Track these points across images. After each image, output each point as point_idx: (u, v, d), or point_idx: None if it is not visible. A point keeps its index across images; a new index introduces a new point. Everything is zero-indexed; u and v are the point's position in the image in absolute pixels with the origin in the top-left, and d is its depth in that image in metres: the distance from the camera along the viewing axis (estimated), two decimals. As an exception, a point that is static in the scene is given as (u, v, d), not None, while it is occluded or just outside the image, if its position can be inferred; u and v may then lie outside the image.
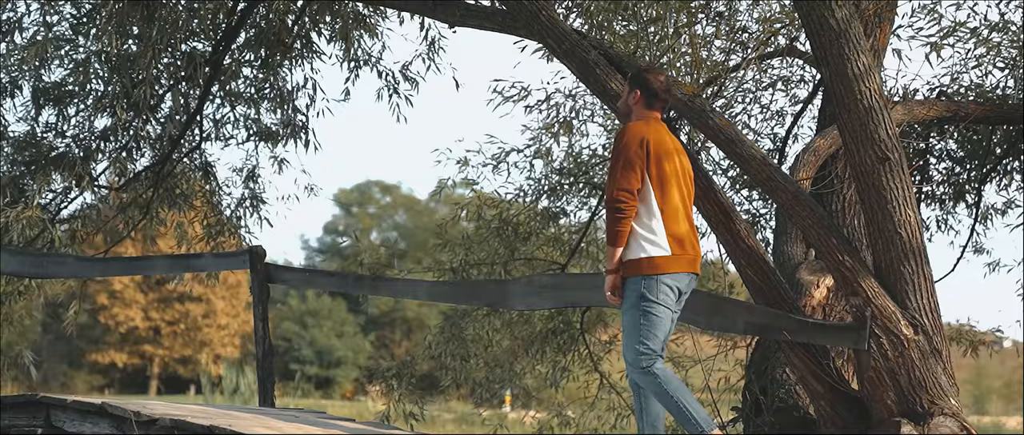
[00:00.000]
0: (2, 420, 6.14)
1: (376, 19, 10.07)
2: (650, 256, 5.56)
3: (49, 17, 9.29)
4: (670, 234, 5.60)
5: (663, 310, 5.57)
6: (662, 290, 5.56)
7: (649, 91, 5.79)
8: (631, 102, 5.83)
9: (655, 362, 5.56)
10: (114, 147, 10.01)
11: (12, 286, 10.48)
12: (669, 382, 5.56)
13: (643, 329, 5.55)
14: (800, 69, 9.68)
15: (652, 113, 5.80)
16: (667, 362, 10.57)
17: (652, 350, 5.55)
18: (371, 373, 13.19)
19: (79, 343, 37.91)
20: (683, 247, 5.62)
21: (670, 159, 5.67)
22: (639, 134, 5.63)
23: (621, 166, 5.57)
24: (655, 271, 5.55)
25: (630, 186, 5.55)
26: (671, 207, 5.62)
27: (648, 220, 5.58)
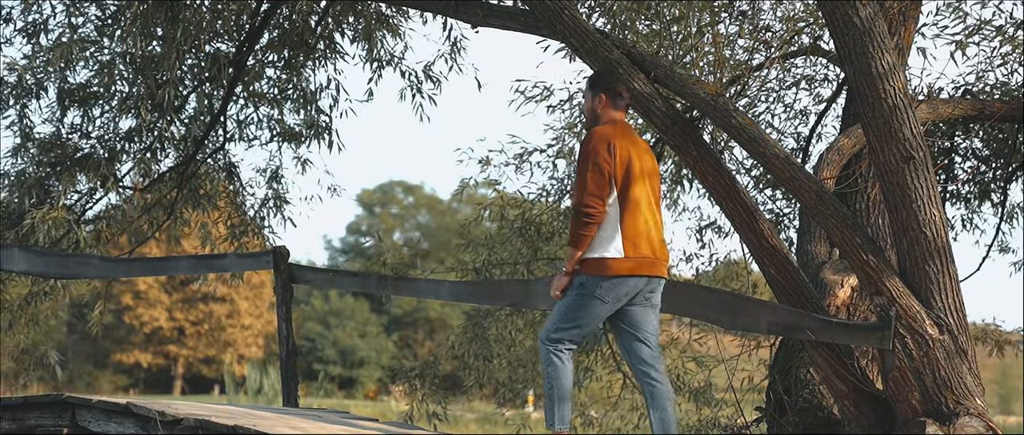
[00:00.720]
0: (29, 420, 6.17)
1: (399, 19, 10.08)
2: (602, 257, 5.69)
3: (74, 19, 9.33)
4: (626, 237, 5.70)
5: (598, 307, 5.71)
6: (606, 290, 5.69)
7: (613, 92, 5.92)
8: (597, 107, 5.93)
9: (562, 345, 5.74)
10: (139, 148, 10.05)
11: (38, 287, 10.53)
12: (559, 373, 5.75)
13: (568, 313, 5.73)
14: (824, 68, 9.64)
15: (618, 114, 5.91)
16: (690, 361, 10.69)
17: (565, 335, 5.74)
18: (394, 373, 13.24)
19: (104, 343, 38.13)
20: (639, 250, 5.71)
21: (636, 161, 5.76)
22: (605, 138, 5.73)
23: (590, 172, 5.67)
24: (604, 272, 5.68)
25: (599, 191, 5.66)
26: (632, 211, 5.71)
27: (607, 223, 5.69)
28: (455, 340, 11.37)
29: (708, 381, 10.66)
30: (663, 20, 7.89)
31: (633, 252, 5.70)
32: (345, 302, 43.88)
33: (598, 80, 6.01)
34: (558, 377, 5.75)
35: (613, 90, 5.93)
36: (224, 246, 10.92)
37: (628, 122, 6.08)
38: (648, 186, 5.81)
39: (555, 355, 5.76)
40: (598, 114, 5.93)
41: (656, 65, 6.58)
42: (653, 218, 5.81)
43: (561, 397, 5.76)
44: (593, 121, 5.96)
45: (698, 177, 6.71)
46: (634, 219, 5.72)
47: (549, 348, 5.78)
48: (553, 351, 5.76)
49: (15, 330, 10.69)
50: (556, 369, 5.76)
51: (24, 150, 9.74)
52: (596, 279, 5.69)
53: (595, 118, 5.94)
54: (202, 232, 11.15)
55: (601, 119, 5.92)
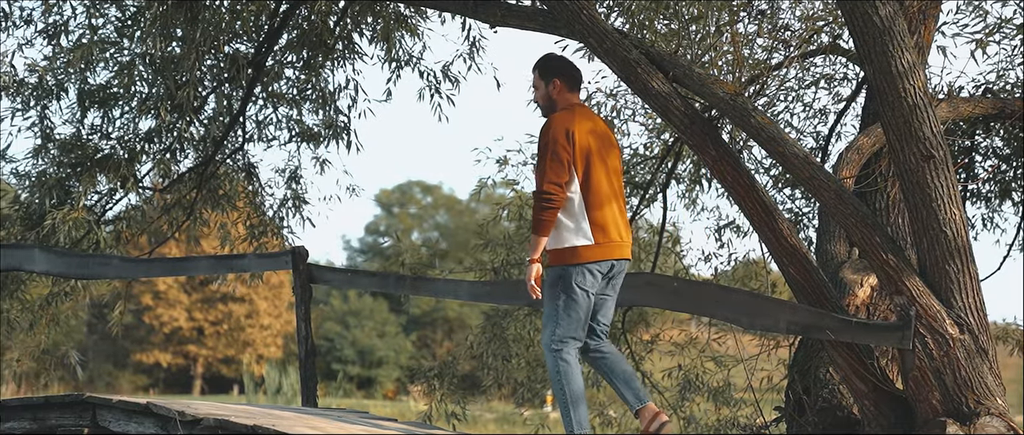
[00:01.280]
0: (50, 419, 6.20)
1: (417, 20, 10.09)
2: (574, 246, 5.72)
3: (94, 20, 9.36)
4: (593, 223, 5.74)
5: (583, 297, 5.72)
6: (585, 277, 5.72)
7: (567, 75, 5.95)
8: (552, 93, 5.95)
9: (567, 347, 5.72)
10: (158, 149, 10.08)
11: (58, 287, 10.58)
12: (569, 377, 5.72)
13: (560, 312, 5.72)
14: (843, 67, 9.62)
15: (573, 97, 5.95)
16: (709, 361, 10.67)
17: (567, 336, 5.72)
18: (413, 373, 13.22)
19: (124, 343, 38.26)
20: (607, 235, 5.76)
21: (596, 145, 5.79)
22: (564, 125, 5.75)
23: (549, 159, 5.69)
24: (578, 260, 5.71)
25: (558, 179, 5.67)
26: (595, 195, 5.75)
27: (573, 210, 5.73)
28: (474, 340, 11.38)
29: (727, 381, 10.64)
30: (682, 19, 7.88)
31: (602, 238, 5.75)
32: (364, 302, 43.94)
33: (549, 66, 6.01)
34: (570, 381, 5.73)
35: (567, 74, 5.96)
36: (243, 246, 10.96)
37: (584, 103, 6.12)
38: (610, 168, 5.86)
39: (561, 360, 5.73)
40: (554, 100, 5.95)
41: (675, 64, 6.57)
42: (617, 201, 5.87)
43: (575, 401, 5.74)
44: (549, 108, 5.97)
45: (717, 177, 6.70)
46: (599, 204, 5.76)
47: (556, 355, 5.74)
48: (561, 357, 5.73)
49: (36, 330, 10.74)
50: (566, 374, 5.73)
51: (45, 151, 9.79)
52: (572, 269, 5.72)
53: (552, 104, 5.95)
54: (221, 232, 11.18)
55: (557, 104, 5.93)
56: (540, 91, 6.01)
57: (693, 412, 10.90)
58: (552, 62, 6.01)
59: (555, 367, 5.74)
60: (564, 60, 6.06)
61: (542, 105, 6.02)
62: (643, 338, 11.54)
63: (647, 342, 11.49)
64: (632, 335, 11.13)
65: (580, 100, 6.01)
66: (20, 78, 9.49)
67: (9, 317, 10.49)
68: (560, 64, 6.01)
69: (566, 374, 5.72)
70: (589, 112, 5.99)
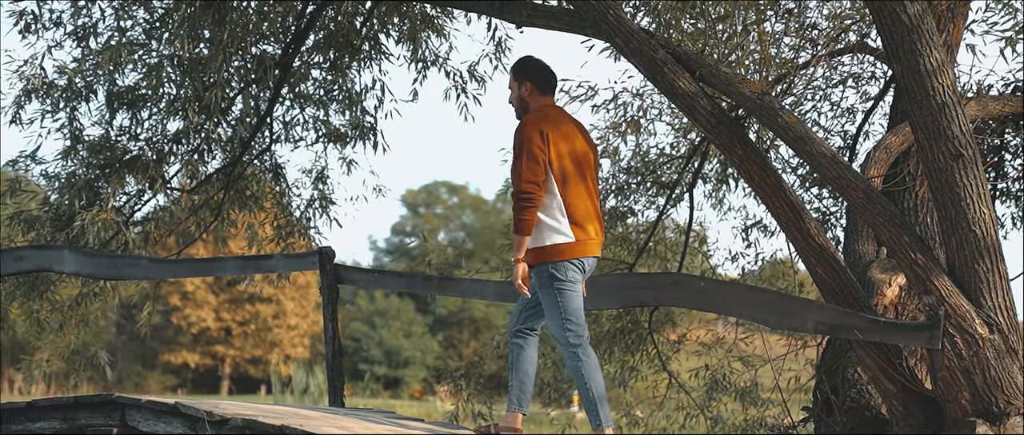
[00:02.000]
0: (79, 419, 6.24)
1: (443, 20, 10.10)
2: (555, 244, 5.87)
3: (123, 22, 9.41)
4: (572, 221, 5.90)
5: (573, 287, 5.90)
6: (571, 273, 5.89)
7: (539, 79, 6.10)
8: (524, 95, 6.11)
9: (582, 342, 5.90)
10: (186, 150, 10.13)
11: (88, 288, 10.64)
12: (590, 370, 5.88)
13: (561, 311, 5.88)
14: (871, 65, 9.57)
15: (546, 99, 6.11)
16: (736, 361, 10.64)
17: (577, 325, 5.89)
18: (439, 373, 13.24)
19: (152, 344, 38.45)
20: (586, 232, 5.93)
21: (570, 145, 5.95)
22: (537, 126, 5.89)
23: (525, 160, 5.84)
24: (560, 257, 5.87)
25: (536, 179, 5.83)
26: (572, 194, 5.91)
27: (552, 209, 5.88)
28: (500, 340, 11.37)
29: (754, 381, 10.61)
30: (708, 19, 7.86)
31: (582, 234, 5.92)
32: (390, 302, 44.01)
33: (523, 68, 6.15)
34: (591, 376, 5.89)
35: (539, 76, 6.10)
36: (270, 247, 10.99)
37: (559, 105, 6.24)
38: (585, 166, 6.00)
39: (582, 354, 5.89)
40: (527, 102, 6.11)
41: (701, 64, 6.56)
42: (592, 199, 6.02)
43: (600, 396, 5.90)
44: (522, 109, 6.12)
45: (744, 176, 6.68)
46: (576, 202, 5.91)
47: (573, 351, 5.89)
48: (578, 352, 5.89)
49: (66, 331, 10.81)
50: (586, 368, 5.89)
51: (74, 152, 9.84)
52: (558, 265, 5.88)
53: (524, 106, 6.11)
54: (249, 233, 11.21)
55: (530, 106, 6.09)
56: (514, 92, 6.18)
57: (720, 412, 10.87)
58: (526, 65, 6.17)
59: (577, 363, 5.90)
60: (539, 63, 6.19)
61: (516, 107, 6.18)
62: (670, 338, 11.52)
63: (674, 342, 11.46)
64: (659, 335, 11.11)
65: (553, 102, 6.15)
66: (50, 80, 9.55)
67: (39, 317, 10.55)
68: (533, 67, 6.15)
69: (586, 368, 5.89)
70: (563, 113, 6.15)
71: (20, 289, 10.25)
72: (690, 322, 12.10)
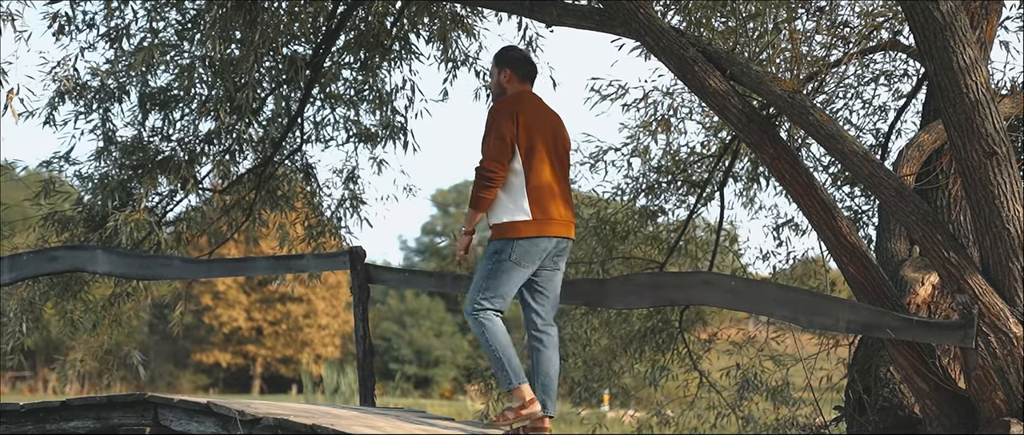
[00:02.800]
0: (113, 419, 6.28)
1: (474, 19, 10.10)
2: (513, 221, 6.06)
3: (155, 23, 9.46)
4: (533, 201, 6.08)
5: (514, 269, 6.07)
6: (519, 251, 6.06)
7: (517, 67, 6.36)
8: (503, 81, 6.36)
9: (485, 312, 6.05)
10: (218, 150, 10.17)
11: (121, 288, 10.70)
12: (493, 333, 6.04)
13: (488, 280, 6.06)
14: (903, 63, 9.52)
15: (524, 86, 6.36)
16: (767, 360, 10.59)
17: (489, 301, 6.05)
18: (470, 372, 13.25)
19: (184, 343, 38.69)
20: (546, 213, 6.09)
21: (540, 129, 6.16)
22: (509, 107, 6.13)
23: (492, 138, 6.06)
24: (516, 234, 6.05)
25: (500, 157, 6.04)
26: (536, 175, 6.09)
27: (515, 189, 6.09)
28: (530, 339, 11.35)
29: (786, 380, 10.56)
30: (739, 17, 7.83)
31: (540, 214, 6.08)
32: (421, 302, 44.09)
33: (503, 57, 6.42)
34: (495, 337, 6.06)
35: (518, 65, 6.37)
36: (301, 247, 11.02)
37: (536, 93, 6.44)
38: (554, 151, 6.21)
39: (483, 322, 6.07)
40: (504, 88, 6.36)
41: (732, 62, 6.54)
42: (560, 183, 6.20)
43: (507, 354, 6.07)
44: (500, 94, 6.38)
45: (775, 175, 6.66)
46: (539, 183, 6.09)
47: (474, 316, 6.09)
48: (481, 318, 6.07)
49: (99, 331, 10.87)
50: (490, 330, 6.06)
51: (107, 153, 9.90)
52: (509, 242, 6.06)
53: (502, 92, 6.37)
54: (280, 233, 11.25)
55: (507, 92, 6.35)
56: (494, 79, 6.44)
57: (751, 411, 10.83)
58: (506, 54, 6.43)
59: (479, 329, 6.07)
60: (520, 53, 6.47)
61: (495, 92, 6.44)
62: (701, 337, 11.48)
63: (705, 341, 11.43)
64: (689, 334, 11.08)
65: (531, 90, 6.39)
66: (83, 81, 9.60)
67: (73, 318, 10.62)
68: (513, 56, 6.43)
69: (491, 331, 6.06)
70: (537, 99, 6.37)
71: (54, 289, 10.32)
72: (721, 321, 12.07)
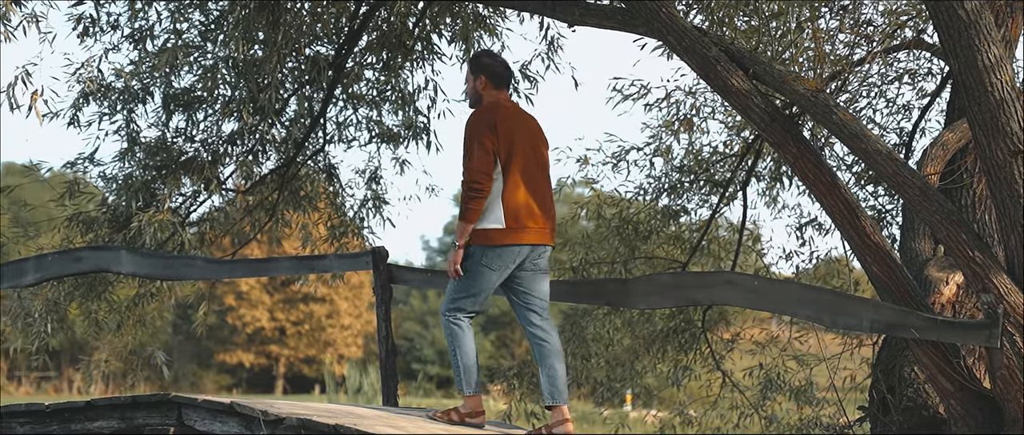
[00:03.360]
0: (137, 419, 6.30)
1: (496, 19, 10.09)
2: (485, 228, 6.15)
3: (179, 25, 9.49)
4: (507, 210, 6.15)
5: (487, 274, 6.21)
6: (491, 256, 6.18)
7: (493, 74, 6.34)
8: (479, 88, 6.35)
9: (458, 316, 6.28)
10: (241, 151, 10.19)
11: (145, 288, 10.74)
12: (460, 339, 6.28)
13: (460, 284, 6.24)
14: (927, 61, 9.48)
15: (500, 93, 6.35)
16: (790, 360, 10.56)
17: (462, 306, 6.27)
18: (492, 372, 13.25)
19: (208, 343, 38.79)
20: (519, 221, 6.17)
21: (518, 137, 6.20)
22: (487, 118, 6.18)
23: (475, 150, 6.12)
24: (489, 242, 6.16)
25: (486, 168, 6.10)
26: (514, 185, 6.16)
27: (492, 198, 6.16)
28: (553, 340, 11.34)
29: (809, 380, 10.53)
30: (762, 16, 7.82)
31: (514, 223, 6.15)
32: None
33: (478, 63, 6.43)
34: (462, 344, 6.28)
35: (493, 71, 6.36)
36: (324, 247, 11.04)
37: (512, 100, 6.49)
38: (532, 159, 6.26)
39: (454, 324, 6.28)
40: (481, 95, 6.36)
41: (755, 62, 6.52)
42: (536, 189, 6.25)
43: (467, 363, 6.28)
44: (476, 101, 6.38)
45: (798, 174, 6.64)
46: (515, 192, 6.16)
47: (448, 318, 6.29)
48: (452, 321, 6.29)
49: (123, 331, 10.92)
50: (457, 338, 6.28)
51: (131, 154, 9.93)
52: (481, 249, 6.18)
53: (478, 98, 6.37)
54: (303, 233, 11.27)
55: (484, 99, 6.34)
56: (469, 84, 6.42)
57: (775, 411, 10.80)
58: (482, 60, 6.45)
59: (448, 329, 6.30)
60: (494, 59, 6.48)
61: (471, 99, 6.43)
62: (723, 337, 11.46)
63: (727, 341, 11.41)
64: (712, 334, 11.06)
65: (507, 96, 6.40)
66: (107, 83, 9.64)
67: (98, 318, 10.67)
68: (488, 62, 6.42)
69: (458, 338, 6.28)
70: (514, 107, 6.40)
71: (79, 290, 10.37)
72: (744, 321, 12.04)
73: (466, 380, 6.30)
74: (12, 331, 10.50)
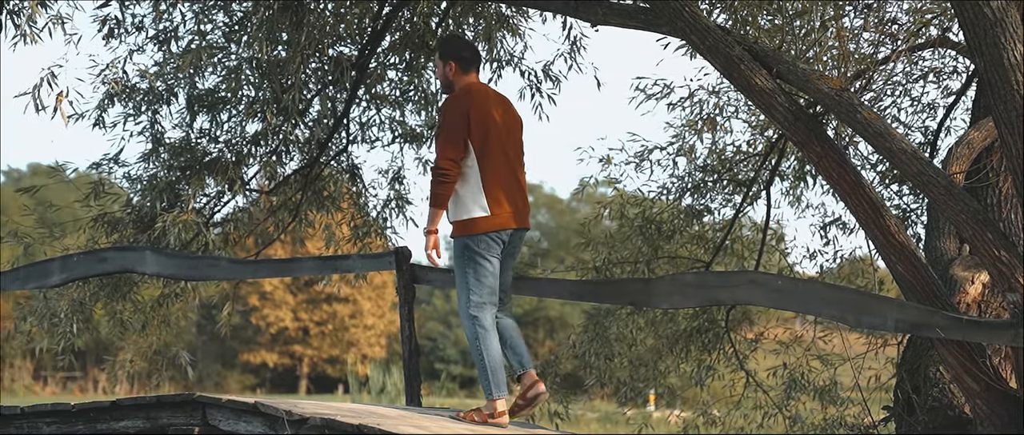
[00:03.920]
0: (161, 418, 6.33)
1: (518, 19, 10.09)
2: (472, 217, 6.24)
3: (203, 26, 9.53)
4: (490, 195, 6.24)
5: (486, 262, 6.28)
6: (485, 246, 6.26)
7: (460, 58, 6.42)
8: (449, 74, 6.43)
9: (483, 312, 6.28)
10: (264, 151, 10.22)
11: (169, 288, 10.78)
12: (486, 340, 6.27)
13: (471, 280, 6.28)
14: (952, 60, 9.43)
15: (470, 76, 6.43)
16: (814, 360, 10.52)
17: (479, 299, 6.28)
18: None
19: (232, 344, 38.91)
20: (502, 206, 6.26)
21: (492, 121, 6.27)
22: (458, 104, 6.26)
23: (444, 137, 6.22)
24: (478, 230, 6.24)
25: (454, 155, 6.18)
26: (491, 169, 6.24)
27: (471, 184, 6.24)
28: (576, 339, 11.36)
29: (833, 380, 10.49)
30: (785, 15, 7.79)
31: (498, 208, 6.24)
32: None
33: (445, 48, 6.52)
34: (488, 346, 6.28)
35: (460, 56, 6.43)
36: (347, 247, 11.06)
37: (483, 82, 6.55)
38: (507, 142, 6.34)
39: (479, 327, 6.28)
40: (451, 81, 6.43)
41: (778, 61, 6.50)
42: (514, 174, 6.35)
43: (495, 365, 6.29)
44: (448, 88, 6.47)
45: (822, 173, 6.62)
46: (495, 177, 6.25)
47: (472, 321, 6.28)
48: (477, 323, 6.28)
49: (148, 331, 10.95)
50: (483, 339, 6.28)
51: (155, 155, 9.97)
52: (473, 238, 6.25)
53: (449, 85, 6.45)
54: (326, 233, 11.28)
55: (455, 85, 6.41)
56: (439, 71, 6.51)
57: (799, 411, 10.76)
58: (449, 45, 6.55)
59: (474, 333, 6.29)
60: (461, 42, 6.62)
61: (442, 86, 6.53)
62: (747, 337, 11.43)
63: (751, 341, 11.37)
64: (736, 334, 11.02)
65: (478, 79, 6.47)
66: (132, 84, 9.68)
67: (123, 318, 10.71)
68: (455, 47, 6.55)
69: (484, 339, 6.27)
70: (487, 90, 6.47)
71: (104, 290, 10.41)
72: (767, 321, 12.00)
73: (495, 382, 6.30)
74: (38, 331, 10.54)
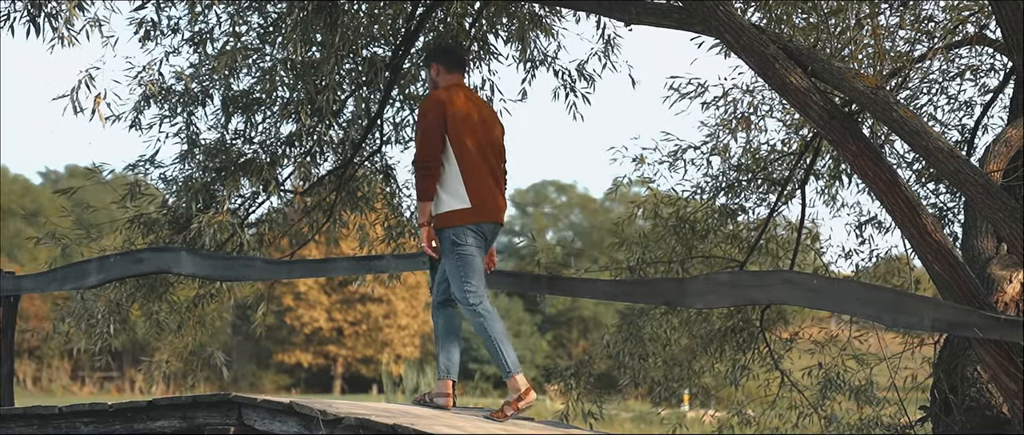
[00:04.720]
0: (197, 418, 6.37)
1: (552, 19, 10.09)
2: (453, 210, 6.53)
3: (238, 27, 9.57)
4: (470, 188, 6.55)
5: (472, 251, 6.57)
6: (468, 236, 6.54)
7: (446, 60, 6.82)
8: (434, 76, 6.83)
9: (482, 301, 6.57)
10: (299, 152, 10.25)
11: (205, 289, 10.83)
12: (491, 322, 6.55)
13: (462, 271, 6.55)
14: (990, 57, 9.36)
15: (453, 77, 6.79)
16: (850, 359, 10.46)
17: (476, 288, 6.56)
18: (549, 372, 13.24)
19: (267, 344, 39.11)
20: (483, 200, 6.58)
21: (470, 119, 6.58)
22: (438, 101, 6.57)
23: (423, 133, 6.53)
24: (461, 222, 6.53)
25: (433, 150, 6.50)
26: (471, 164, 6.55)
27: (452, 179, 6.54)
28: (609, 339, 11.34)
29: (869, 379, 10.43)
30: (821, 13, 7.75)
31: (478, 201, 6.56)
32: (499, 302, 44.10)
33: (431, 52, 7.07)
34: (492, 327, 6.55)
35: (444, 59, 6.83)
36: (381, 247, 11.08)
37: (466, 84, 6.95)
38: (484, 139, 6.64)
39: (481, 313, 6.55)
40: (436, 81, 6.81)
41: (813, 59, 6.47)
42: (492, 171, 6.68)
43: (503, 344, 6.56)
44: (434, 88, 6.80)
45: (858, 172, 6.58)
46: (474, 171, 6.55)
47: (473, 309, 6.55)
48: (478, 310, 6.55)
49: (184, 332, 11.01)
50: (488, 322, 6.54)
51: (191, 156, 10.02)
52: (456, 230, 6.53)
53: (435, 85, 6.81)
54: (360, 234, 11.31)
55: (439, 85, 6.76)
56: (428, 74, 6.91)
57: (834, 411, 10.71)
58: (433, 48, 6.98)
59: (478, 320, 6.56)
60: (445, 46, 7.10)
61: (430, 87, 6.89)
62: (782, 336, 11.37)
63: (786, 340, 11.32)
64: (770, 333, 10.98)
65: (461, 80, 6.85)
66: (168, 86, 9.74)
67: (159, 319, 10.77)
68: (440, 50, 7.05)
69: (489, 321, 6.55)
70: (466, 91, 6.81)
71: (140, 291, 10.48)
72: (802, 320, 11.94)
73: (508, 360, 6.57)
74: (76, 332, 10.62)
